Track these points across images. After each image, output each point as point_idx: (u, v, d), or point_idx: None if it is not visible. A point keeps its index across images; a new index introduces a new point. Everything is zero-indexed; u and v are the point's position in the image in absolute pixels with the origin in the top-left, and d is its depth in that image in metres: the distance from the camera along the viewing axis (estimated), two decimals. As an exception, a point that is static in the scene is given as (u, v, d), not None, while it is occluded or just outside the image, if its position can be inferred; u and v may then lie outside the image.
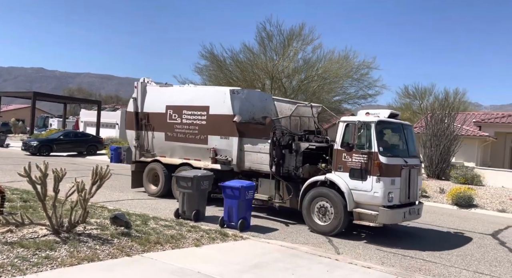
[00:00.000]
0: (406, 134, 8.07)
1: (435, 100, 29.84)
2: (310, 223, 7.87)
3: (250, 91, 10.94)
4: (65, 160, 19.70)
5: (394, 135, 8.25)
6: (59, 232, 5.55)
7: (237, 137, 9.15)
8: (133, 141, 11.08)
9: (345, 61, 22.94)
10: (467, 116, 24.29)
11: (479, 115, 26.06)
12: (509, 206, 12.97)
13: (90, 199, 5.86)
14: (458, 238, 8.46)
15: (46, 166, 5.45)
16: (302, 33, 22.73)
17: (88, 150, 23.56)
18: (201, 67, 24.39)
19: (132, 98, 11.17)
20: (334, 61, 22.93)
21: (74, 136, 24.41)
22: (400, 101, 38.86)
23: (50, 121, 41.63)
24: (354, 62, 23.05)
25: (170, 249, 5.71)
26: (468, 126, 21.95)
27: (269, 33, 22.73)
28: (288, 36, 22.67)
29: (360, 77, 23.37)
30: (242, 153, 9.13)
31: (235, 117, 9.15)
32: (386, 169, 7.13)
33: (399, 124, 8.15)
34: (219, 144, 9.45)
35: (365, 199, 7.28)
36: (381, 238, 7.37)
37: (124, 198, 10.23)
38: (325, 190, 7.71)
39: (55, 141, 22.56)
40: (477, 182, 16.97)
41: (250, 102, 9.86)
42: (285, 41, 22.72)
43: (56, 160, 18.23)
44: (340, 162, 7.57)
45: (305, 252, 6.27)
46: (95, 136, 26.09)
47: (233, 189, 7.56)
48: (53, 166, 5.66)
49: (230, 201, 7.57)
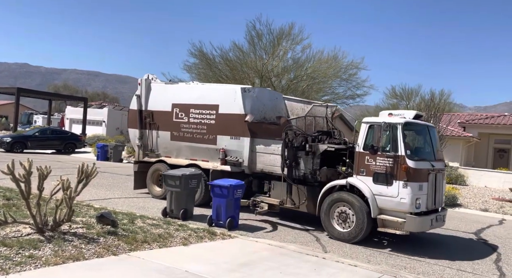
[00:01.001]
0: (431, 136, 7.69)
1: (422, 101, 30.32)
2: (329, 229, 7.46)
3: (261, 90, 10.44)
4: (50, 157, 19.34)
5: (420, 138, 7.83)
6: (44, 231, 5.45)
7: (249, 138, 8.83)
8: (136, 140, 10.66)
9: (334, 61, 23.15)
10: (452, 117, 24.76)
11: (464, 116, 26.61)
12: (491, 205, 13.28)
13: (76, 197, 5.76)
14: (442, 237, 8.62)
15: (30, 163, 5.35)
16: (291, 32, 22.87)
17: (66, 148, 22.73)
18: (190, 65, 24.29)
19: (135, 96, 10.72)
20: (323, 61, 23.11)
21: (51, 134, 23.46)
22: (387, 102, 39.39)
23: (34, 118, 40.76)
24: (342, 62, 23.31)
25: (158, 248, 5.67)
26: (452, 127, 22.39)
27: (258, 32, 22.78)
28: (278, 35, 22.75)
29: (349, 77, 23.64)
30: (253, 154, 8.81)
31: (247, 116, 8.79)
32: (414, 174, 6.75)
33: (425, 126, 7.78)
34: (229, 145, 9.12)
35: (390, 205, 6.88)
36: (367, 238, 7.45)
37: (111, 196, 10.09)
38: (346, 195, 7.31)
39: (30, 138, 21.78)
40: (461, 181, 17.35)
41: (261, 101, 9.50)
42: (275, 40, 22.78)
43: (42, 158, 17.89)
44: (363, 166, 7.17)
45: (293, 250, 6.30)
46: (73, 134, 25.04)
47: (221, 188, 7.53)
48: (38, 164, 5.55)
49: (218, 199, 7.54)
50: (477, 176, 17.94)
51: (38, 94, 36.29)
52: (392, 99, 39.71)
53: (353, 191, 7.32)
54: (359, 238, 7.16)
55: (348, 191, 7.38)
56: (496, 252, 7.67)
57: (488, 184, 17.45)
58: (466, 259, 6.92)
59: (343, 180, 7.49)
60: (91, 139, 26.99)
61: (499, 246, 8.11)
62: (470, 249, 7.75)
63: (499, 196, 14.85)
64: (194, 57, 23.81)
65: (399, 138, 6.92)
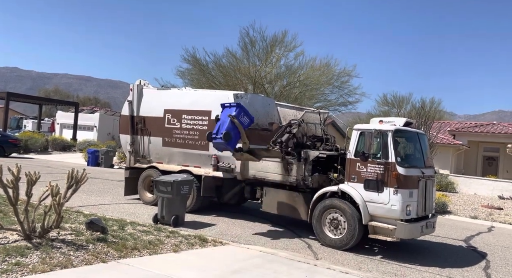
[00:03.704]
0: (422, 143, 7.74)
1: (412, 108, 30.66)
2: (321, 235, 7.45)
3: (253, 96, 10.40)
4: (40, 163, 19.07)
5: (411, 145, 7.86)
6: (31, 238, 5.35)
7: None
8: (127, 146, 10.58)
9: (326, 69, 23.35)
10: (442, 125, 25.09)
11: (453, 124, 26.98)
12: (481, 212, 13.43)
13: (65, 203, 5.68)
14: (433, 244, 8.68)
15: (19, 169, 5.27)
16: (284, 40, 23.01)
17: None
18: (183, 70, 24.26)
19: (127, 101, 10.69)
20: (315, 69, 23.30)
21: None
22: (379, 109, 39.80)
23: (24, 123, 40.23)
24: (335, 70, 23.50)
25: (148, 255, 5.60)
26: (443, 135, 22.69)
27: (252, 38, 22.88)
28: (271, 42, 22.89)
29: (341, 84, 23.84)
30: None
31: None
32: (404, 180, 6.79)
33: (415, 133, 7.83)
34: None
35: (381, 212, 6.92)
36: (358, 245, 7.46)
37: (101, 202, 9.97)
38: (338, 202, 7.31)
39: None
40: (451, 189, 17.53)
41: (253, 107, 9.43)
42: (268, 47, 22.92)
43: (31, 163, 17.62)
44: (354, 172, 7.19)
45: (285, 257, 6.28)
46: (4, 135, 21.45)
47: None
48: (27, 169, 5.47)
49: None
50: (466, 183, 18.16)
51: (28, 98, 35.81)
52: (383, 106, 40.14)
53: (345, 198, 7.34)
54: (350, 245, 7.16)
55: (339, 197, 7.39)
56: (485, 259, 7.74)
57: (477, 191, 17.66)
58: (456, 266, 6.97)
59: (334, 187, 7.50)
60: (82, 144, 26.69)
61: (488, 254, 8.19)
62: (459, 257, 7.81)
63: (488, 203, 15.03)
64: (187, 63, 23.82)
65: (390, 145, 6.96)
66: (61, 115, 35.12)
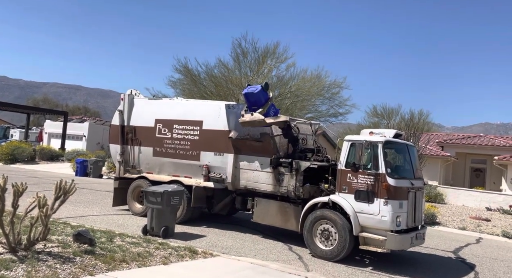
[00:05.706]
0: (411, 155, 7.84)
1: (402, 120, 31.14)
2: (312, 247, 7.45)
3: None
4: (27, 173, 18.71)
5: (400, 156, 7.96)
6: (17, 250, 5.22)
7: (233, 154, 8.78)
8: (117, 156, 10.45)
9: (317, 80, 23.63)
10: (430, 136, 25.46)
11: (442, 136, 27.41)
12: (469, 224, 13.56)
13: (52, 215, 5.57)
14: (422, 255, 8.72)
15: (5, 179, 5.16)
16: (276, 51, 23.28)
17: None
18: (174, 80, 24.29)
19: (117, 111, 10.61)
20: (306, 80, 23.56)
21: None
22: (369, 120, 40.30)
23: (11, 132, 39.54)
24: (325, 81, 23.81)
25: (137, 267, 5.51)
26: (431, 146, 23.00)
27: (244, 49, 23.09)
28: (263, 53, 23.13)
29: (331, 96, 24.12)
30: (237, 170, 8.77)
31: (231, 133, 8.77)
32: (394, 192, 6.85)
33: (405, 144, 7.93)
34: (212, 161, 9.05)
35: (372, 222, 6.94)
36: (349, 256, 7.45)
37: (89, 213, 9.80)
38: (329, 212, 7.32)
39: None
40: (440, 200, 17.69)
41: None
42: (260, 58, 23.14)
43: (18, 173, 17.28)
44: (345, 183, 7.24)
45: (276, 269, 6.23)
46: None
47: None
48: (13, 179, 5.37)
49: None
50: (455, 194, 18.36)
51: (16, 107, 35.25)
52: (373, 118, 40.67)
53: (336, 209, 7.35)
54: (341, 256, 7.16)
55: (330, 208, 7.41)
56: (474, 270, 7.80)
57: (465, 202, 17.87)
58: (445, 277, 7.00)
59: (325, 197, 7.52)
60: (70, 154, 26.29)
61: (477, 265, 8.26)
62: (449, 268, 7.85)
63: (476, 214, 15.20)
64: (179, 73, 23.87)
65: (380, 156, 7.03)
66: (50, 124, 34.64)
